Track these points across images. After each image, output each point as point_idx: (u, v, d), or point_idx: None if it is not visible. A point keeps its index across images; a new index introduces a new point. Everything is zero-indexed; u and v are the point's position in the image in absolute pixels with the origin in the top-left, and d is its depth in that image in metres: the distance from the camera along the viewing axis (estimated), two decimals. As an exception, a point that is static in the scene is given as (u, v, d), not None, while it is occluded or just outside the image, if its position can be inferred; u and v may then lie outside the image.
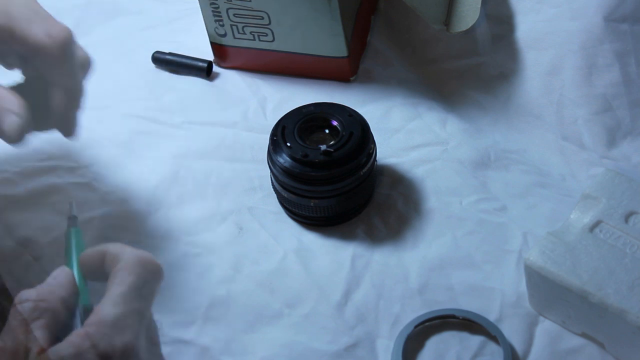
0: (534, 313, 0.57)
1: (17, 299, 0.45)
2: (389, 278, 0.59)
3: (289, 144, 0.60)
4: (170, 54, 0.74)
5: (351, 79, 0.72)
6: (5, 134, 0.52)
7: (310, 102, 0.63)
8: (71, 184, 0.65)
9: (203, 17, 0.70)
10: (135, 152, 0.68)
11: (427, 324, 0.56)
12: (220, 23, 0.69)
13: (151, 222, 0.64)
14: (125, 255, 0.46)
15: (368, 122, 0.62)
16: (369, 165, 0.60)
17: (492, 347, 0.55)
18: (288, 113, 0.62)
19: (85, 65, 0.56)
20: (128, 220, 0.64)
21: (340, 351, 0.56)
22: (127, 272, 0.45)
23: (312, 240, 0.62)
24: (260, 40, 0.70)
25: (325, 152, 0.59)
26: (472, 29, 0.69)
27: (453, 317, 0.56)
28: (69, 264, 0.49)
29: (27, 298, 0.45)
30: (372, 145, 0.61)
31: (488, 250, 0.60)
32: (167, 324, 0.57)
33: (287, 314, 0.58)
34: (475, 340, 0.56)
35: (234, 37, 0.71)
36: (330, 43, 0.69)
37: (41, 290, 0.46)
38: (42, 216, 0.63)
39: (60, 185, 0.65)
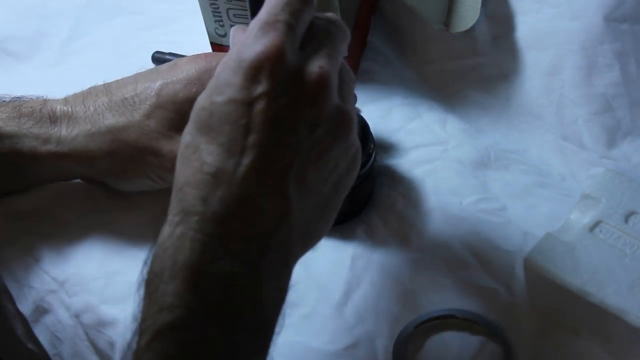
0: (534, 313, 0.57)
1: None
2: (389, 278, 0.59)
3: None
4: (170, 54, 0.74)
5: (351, 79, 0.72)
6: None
7: (310, 102, 0.63)
8: (71, 183, 0.65)
9: (203, 17, 0.70)
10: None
11: (427, 324, 0.56)
12: (220, 23, 0.69)
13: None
14: None
15: (368, 122, 0.61)
16: (368, 165, 0.60)
17: (492, 347, 0.55)
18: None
19: None
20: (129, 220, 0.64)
21: (340, 351, 0.56)
22: None
23: (312, 240, 0.62)
24: (260, 40, 0.70)
25: (325, 152, 0.59)
26: (472, 29, 0.69)
27: (453, 317, 0.56)
28: None
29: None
30: (372, 145, 0.61)
31: (488, 250, 0.60)
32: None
33: (287, 314, 0.58)
34: (475, 340, 0.56)
35: (234, 37, 0.70)
36: (330, 43, 0.69)
37: None
38: (42, 216, 0.63)
39: (60, 184, 0.65)
